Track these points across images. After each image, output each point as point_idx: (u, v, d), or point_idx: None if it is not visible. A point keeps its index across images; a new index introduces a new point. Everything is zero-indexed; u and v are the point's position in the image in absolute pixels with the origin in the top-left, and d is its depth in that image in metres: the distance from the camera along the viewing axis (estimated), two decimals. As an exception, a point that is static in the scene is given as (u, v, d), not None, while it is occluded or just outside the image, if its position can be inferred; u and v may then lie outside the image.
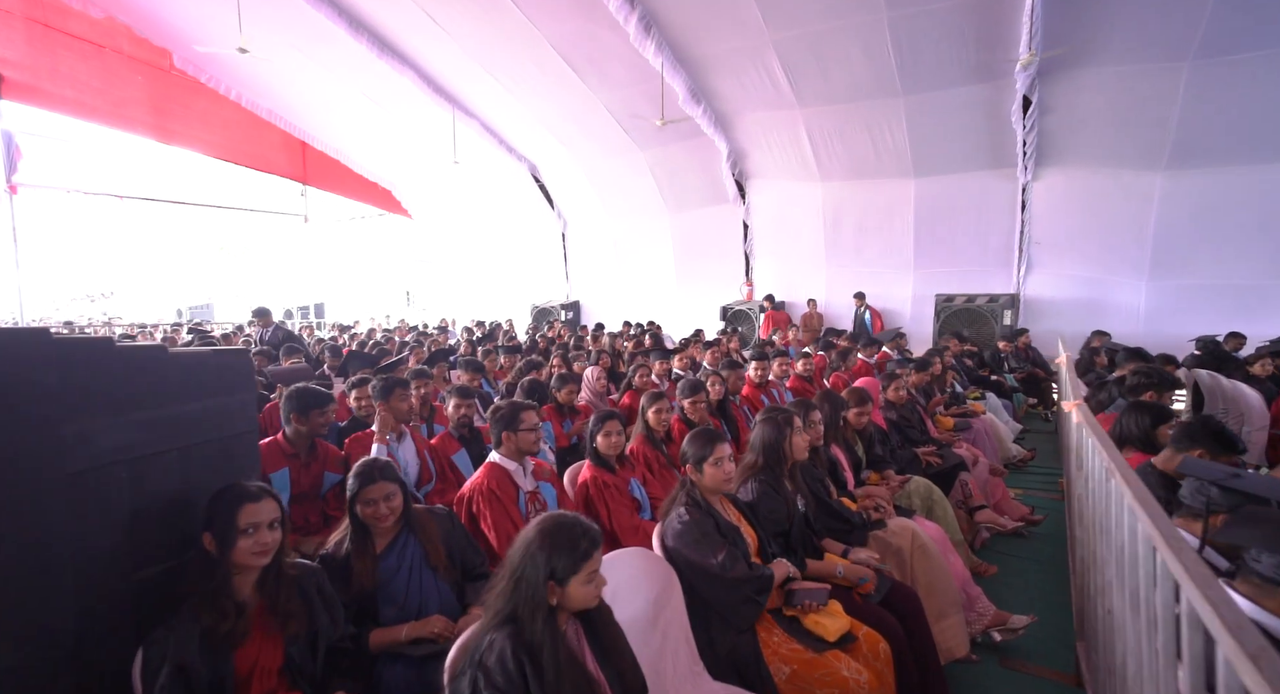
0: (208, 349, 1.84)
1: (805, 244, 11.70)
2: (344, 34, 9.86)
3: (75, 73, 10.72)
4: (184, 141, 12.46)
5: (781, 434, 2.66)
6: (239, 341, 8.26)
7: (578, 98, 10.71)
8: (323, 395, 2.99)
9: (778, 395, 5.23)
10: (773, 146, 10.84)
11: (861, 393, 3.72)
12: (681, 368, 6.18)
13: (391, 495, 2.08)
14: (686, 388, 3.89)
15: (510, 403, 2.77)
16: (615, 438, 3.05)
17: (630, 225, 13.66)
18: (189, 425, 1.70)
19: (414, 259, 17.62)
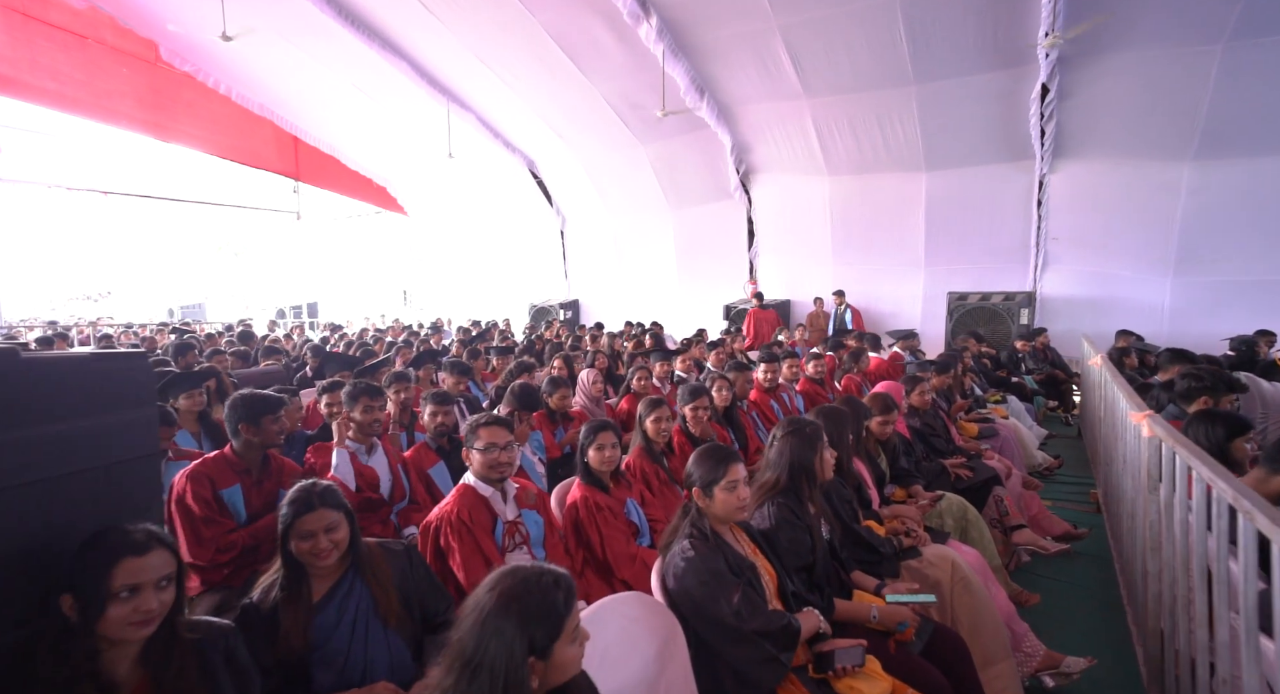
0: (84, 352, 1.46)
1: (811, 241, 11.31)
2: (333, 23, 9.48)
3: (56, 64, 10.35)
4: (172, 136, 12.10)
5: (812, 449, 2.28)
6: (221, 342, 7.88)
7: (576, 89, 10.33)
8: (273, 400, 2.62)
9: (788, 400, 4.84)
10: (778, 139, 10.45)
11: (885, 399, 3.34)
12: (684, 370, 5.81)
13: (334, 526, 1.70)
14: (688, 393, 3.51)
15: (475, 418, 2.39)
16: (610, 452, 2.67)
17: (631, 222, 13.28)
18: (55, 450, 1.32)
19: (411, 258, 17.26)
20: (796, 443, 2.28)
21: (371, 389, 2.87)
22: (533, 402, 3.56)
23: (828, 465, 2.31)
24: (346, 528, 1.74)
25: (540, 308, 14.37)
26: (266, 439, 2.61)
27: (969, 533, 3.14)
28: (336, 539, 1.70)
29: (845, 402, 3.12)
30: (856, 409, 3.09)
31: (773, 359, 4.73)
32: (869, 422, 3.28)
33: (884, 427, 3.33)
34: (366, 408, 2.85)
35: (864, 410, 3.15)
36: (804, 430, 2.30)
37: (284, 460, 2.73)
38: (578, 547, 2.53)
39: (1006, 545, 3.43)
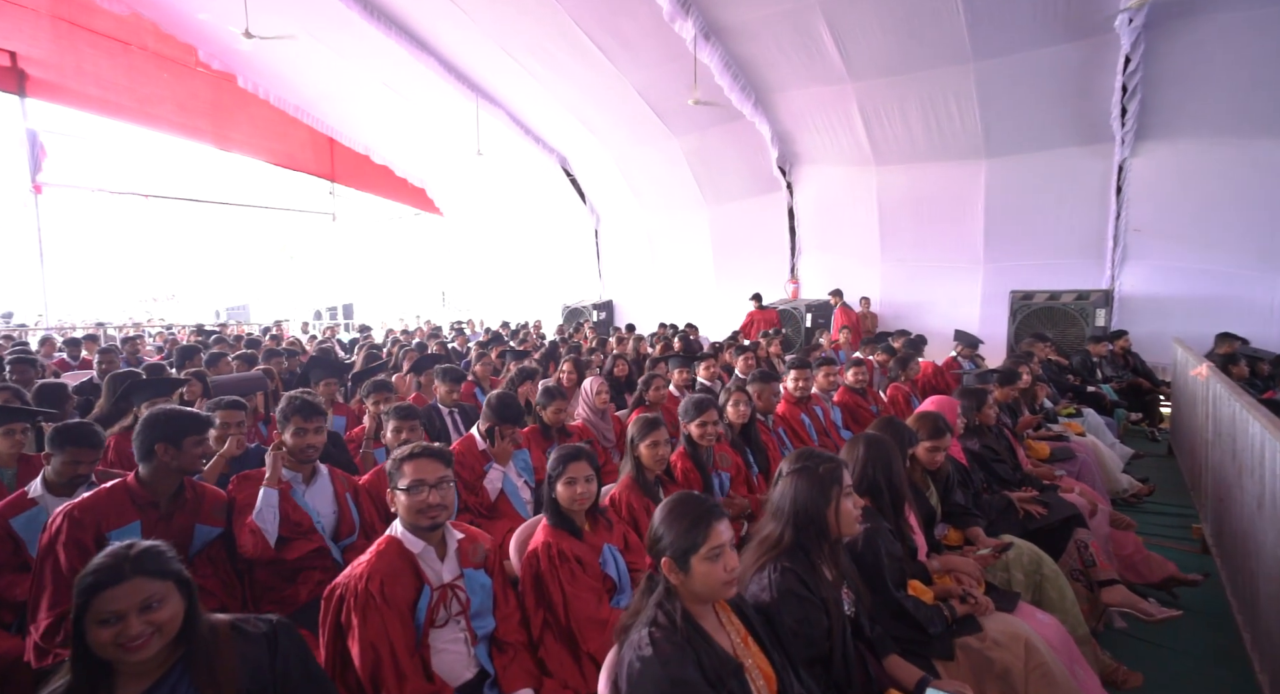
0: None
1: (857, 236, 10.51)
2: (359, 19, 9.33)
3: (100, 70, 10.60)
4: (211, 139, 12.29)
5: (825, 496, 1.71)
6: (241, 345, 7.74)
7: (606, 80, 9.88)
8: (200, 419, 2.21)
9: (821, 415, 4.22)
10: (821, 127, 9.73)
11: (936, 420, 2.71)
12: (709, 377, 5.24)
13: (154, 602, 1.25)
14: (692, 406, 2.97)
15: (401, 448, 1.92)
16: (583, 487, 2.16)
17: (666, 219, 12.75)
18: None
19: (448, 259, 17.20)
20: (804, 485, 1.72)
21: (305, 406, 2.43)
22: (514, 414, 3.08)
23: (847, 517, 1.73)
24: (177, 602, 1.28)
25: (573, 309, 14.01)
26: (186, 464, 2.20)
27: (1045, 592, 2.48)
28: (158, 620, 1.24)
29: (884, 425, 2.51)
30: (898, 433, 2.49)
31: (804, 365, 4.12)
32: (914, 448, 2.66)
33: (933, 453, 2.71)
34: (299, 430, 2.41)
35: (908, 435, 2.54)
36: (816, 469, 1.73)
37: (206, 488, 2.32)
38: (537, 606, 2.03)
39: (1093, 603, 2.74)
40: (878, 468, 2.18)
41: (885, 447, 2.23)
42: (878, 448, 2.21)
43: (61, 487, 2.48)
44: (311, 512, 2.39)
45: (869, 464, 2.18)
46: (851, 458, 2.23)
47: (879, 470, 2.17)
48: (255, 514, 2.23)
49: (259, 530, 2.23)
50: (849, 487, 1.74)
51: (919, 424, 2.73)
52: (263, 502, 2.26)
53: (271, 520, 2.27)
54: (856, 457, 2.22)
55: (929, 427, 2.70)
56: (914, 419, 2.76)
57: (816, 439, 4.01)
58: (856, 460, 2.21)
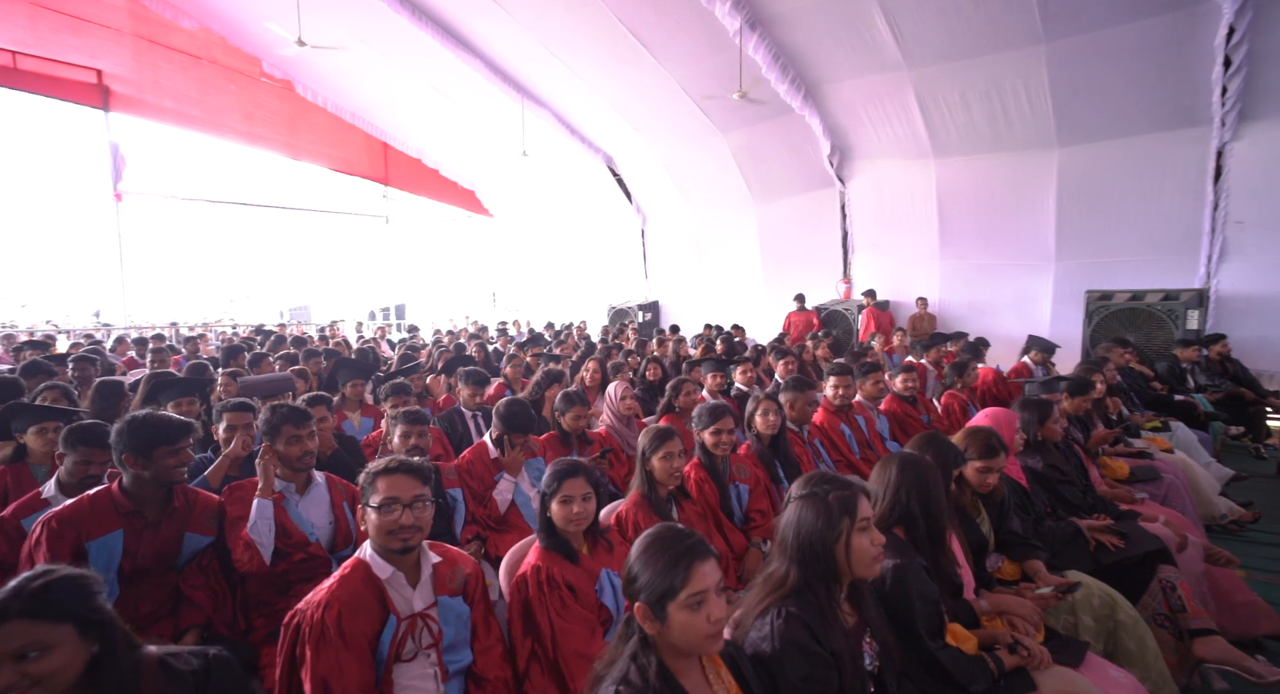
0: None
1: (915, 234, 9.93)
2: (407, 23, 9.50)
3: (174, 84, 11.23)
4: (273, 146, 12.84)
5: (832, 529, 1.46)
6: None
7: (650, 77, 9.70)
8: (174, 426, 2.13)
9: (864, 425, 3.89)
10: (875, 119, 9.24)
11: (988, 438, 2.37)
12: (746, 382, 4.96)
13: (32, 650, 1.10)
14: (704, 414, 2.73)
15: (376, 462, 1.76)
16: (580, 506, 1.97)
17: (713, 218, 12.46)
18: None
19: (499, 260, 17.44)
20: (810, 515, 1.47)
21: (295, 414, 2.33)
22: (523, 422, 2.93)
23: (860, 556, 1.46)
24: (74, 649, 1.13)
25: (619, 310, 13.90)
26: (159, 475, 2.11)
27: (1121, 642, 2.12)
28: (36, 672, 1.10)
29: (925, 443, 2.20)
30: (941, 451, 2.18)
31: (844, 371, 3.80)
32: (962, 468, 2.34)
33: (985, 475, 2.37)
34: (292, 438, 2.30)
35: (953, 453, 2.22)
36: (824, 496, 1.47)
37: (199, 495, 2.25)
38: (524, 635, 1.85)
39: (1182, 657, 2.34)
40: (913, 493, 1.89)
41: (923, 468, 1.93)
42: (914, 470, 1.92)
43: (74, 487, 2.47)
44: (305, 523, 2.28)
45: (903, 489, 1.90)
46: (882, 481, 1.95)
47: (914, 496, 1.88)
48: (250, 527, 2.13)
49: (254, 544, 2.13)
50: (865, 519, 1.47)
51: (968, 440, 2.40)
52: (256, 514, 2.16)
53: (267, 533, 2.16)
54: (888, 480, 1.93)
55: (980, 444, 2.37)
56: (963, 435, 2.44)
57: (858, 451, 3.69)
58: (888, 484, 1.93)
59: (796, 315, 9.88)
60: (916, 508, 1.87)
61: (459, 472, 2.91)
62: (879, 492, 1.95)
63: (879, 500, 1.93)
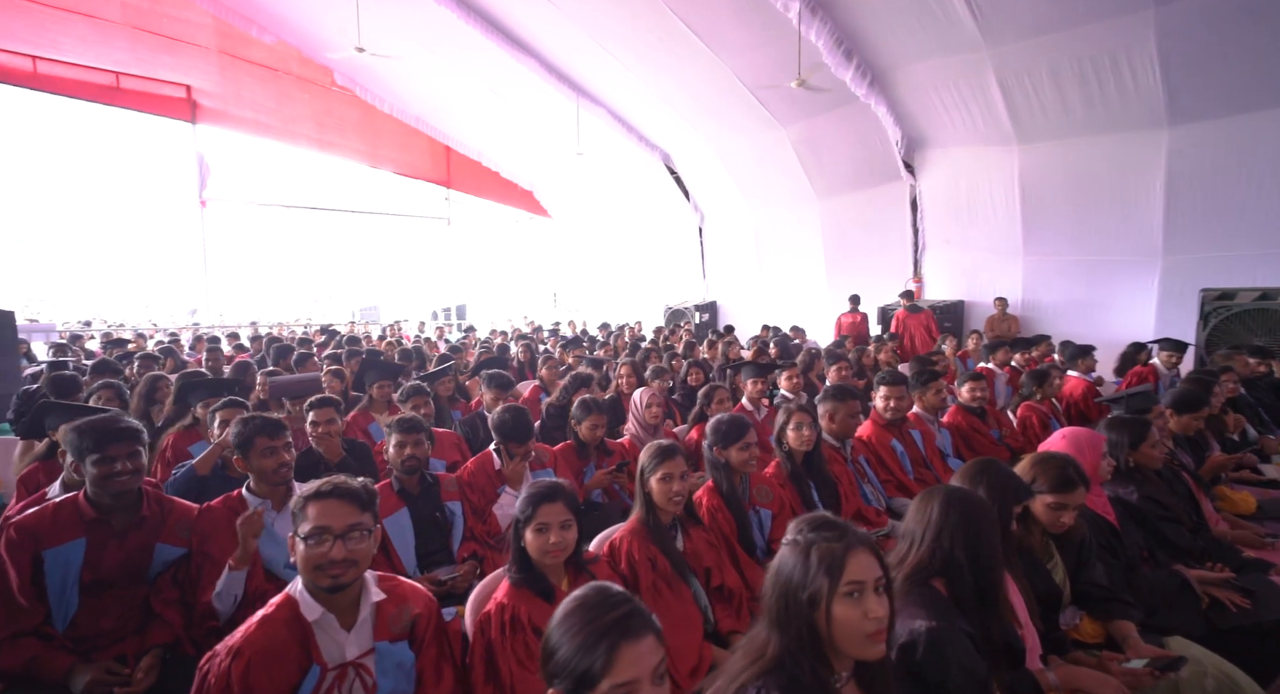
0: None
1: (994, 228, 9.10)
2: (464, 25, 9.59)
3: (254, 95, 11.88)
4: (342, 151, 13.40)
5: (812, 593, 1.13)
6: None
7: (704, 69, 9.36)
8: (125, 430, 2.00)
9: (919, 441, 3.43)
10: (950, 104, 8.51)
11: (1062, 466, 1.93)
12: (792, 389, 4.57)
13: None
14: (726, 427, 2.42)
15: (309, 485, 1.55)
16: (558, 535, 1.71)
17: (772, 215, 11.96)
18: None
19: (558, 260, 17.55)
20: (789, 569, 1.15)
21: (268, 425, 2.18)
22: (520, 431, 2.70)
23: (846, 628, 1.12)
24: None
25: (675, 310, 13.61)
26: (98, 484, 1.96)
27: (1239, 738, 1.65)
28: None
29: (977, 472, 1.80)
30: (999, 484, 1.77)
31: (897, 381, 3.35)
32: (1029, 503, 1.92)
33: (1057, 513, 1.93)
34: (266, 450, 2.16)
35: (1014, 486, 1.81)
36: (808, 546, 1.15)
37: (174, 504, 2.15)
38: (485, 682, 1.61)
39: (1324, 757, 1.83)
40: (958, 537, 1.51)
41: (972, 506, 1.55)
42: (961, 508, 1.54)
43: (77, 487, 2.47)
44: (282, 542, 2.13)
45: (945, 531, 1.52)
46: (921, 520, 1.58)
47: (960, 541, 1.51)
48: (215, 595, 1.94)
49: (213, 608, 1.95)
50: (855, 583, 1.12)
51: (1037, 469, 1.97)
52: (224, 586, 1.94)
53: (230, 605, 1.97)
54: (928, 519, 1.56)
55: (1052, 474, 1.94)
56: (1030, 463, 2.01)
57: (911, 471, 3.25)
58: (927, 524, 1.56)
59: (848, 317, 9.30)
60: (962, 556, 1.49)
61: (459, 483, 2.73)
62: (916, 533, 1.58)
63: (915, 544, 1.56)
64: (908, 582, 1.50)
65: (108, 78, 10.89)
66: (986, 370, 4.88)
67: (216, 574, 1.95)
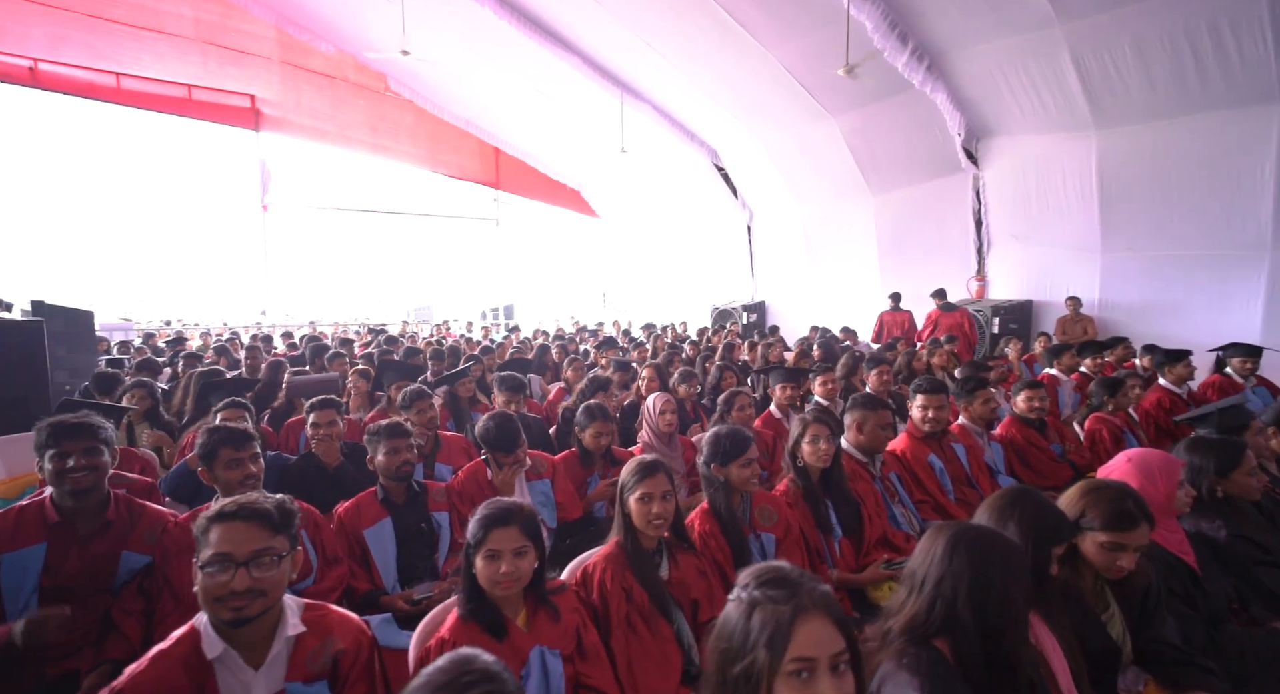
0: None
1: (1068, 222, 8.36)
2: (507, 25, 9.60)
3: (312, 103, 12.36)
4: (395, 155, 13.77)
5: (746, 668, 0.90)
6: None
7: (750, 60, 9.02)
8: (79, 427, 1.94)
9: (963, 456, 3.05)
10: (1018, 87, 7.86)
11: (1119, 499, 1.59)
12: (827, 396, 4.24)
13: None
14: (726, 441, 2.16)
15: (213, 505, 1.41)
16: (510, 564, 1.53)
17: (824, 211, 11.46)
18: None
19: (607, 260, 17.50)
20: (728, 633, 0.92)
21: (233, 436, 2.09)
22: (506, 441, 2.53)
23: None
24: None
25: (722, 310, 13.28)
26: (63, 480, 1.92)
27: None
28: None
29: (1010, 504, 1.49)
30: (1034, 519, 1.46)
31: (935, 389, 3.00)
32: (1076, 540, 1.59)
33: (1113, 555, 1.59)
34: (230, 462, 2.08)
35: (1054, 523, 1.49)
36: (756, 603, 0.93)
37: (144, 510, 2.08)
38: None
39: None
40: (961, 588, 1.22)
41: (985, 549, 1.25)
42: (970, 550, 1.24)
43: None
44: None
45: (949, 580, 1.23)
46: (924, 562, 1.29)
47: (963, 593, 1.21)
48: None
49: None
50: (805, 659, 0.88)
51: (1088, 500, 1.64)
52: None
53: None
54: (930, 560, 1.28)
55: (1105, 507, 1.60)
56: (1079, 492, 1.68)
57: (951, 490, 2.89)
58: (928, 567, 1.27)
59: (890, 316, 8.78)
60: (966, 612, 1.20)
61: (449, 493, 2.58)
62: (918, 576, 1.30)
63: (915, 591, 1.28)
64: (903, 639, 1.23)
65: (180, 91, 11.58)
66: (1049, 377, 4.39)
67: (173, 603, 1.87)
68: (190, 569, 1.77)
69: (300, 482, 2.95)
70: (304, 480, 2.95)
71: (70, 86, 11.00)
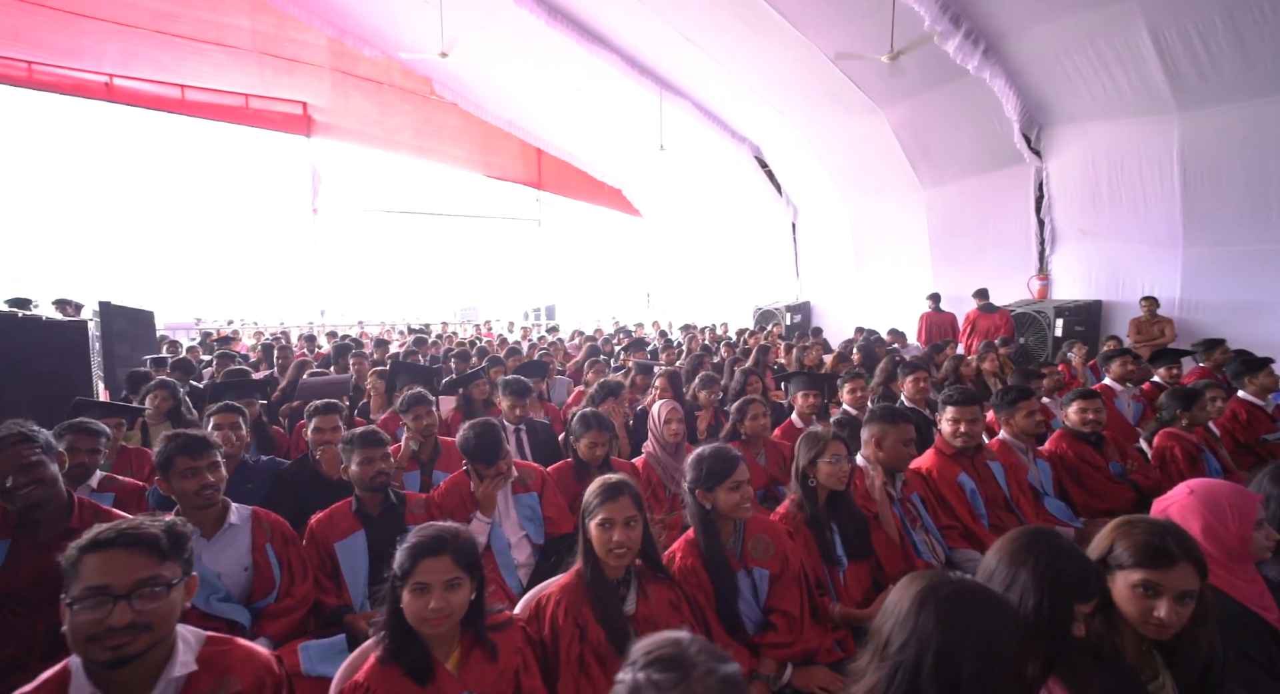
0: None
1: (1144, 214, 7.64)
2: (544, 25, 9.56)
3: (361, 108, 12.70)
4: (439, 157, 14.01)
5: None
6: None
7: (793, 51, 8.66)
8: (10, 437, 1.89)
9: (1000, 477, 2.70)
10: (1086, 70, 7.23)
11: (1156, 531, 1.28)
12: (855, 404, 3.92)
13: None
14: (711, 461, 1.93)
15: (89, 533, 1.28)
16: (440, 601, 1.36)
17: (872, 207, 10.94)
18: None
19: (650, 260, 17.34)
20: None
21: (191, 444, 1.97)
22: (485, 451, 2.38)
23: None
24: None
25: (765, 311, 12.90)
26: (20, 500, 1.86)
27: None
28: None
29: (1028, 547, 1.22)
30: (1053, 568, 1.19)
31: (968, 401, 2.66)
32: (1109, 583, 1.30)
33: (1149, 602, 1.28)
34: (187, 471, 1.96)
35: (1080, 575, 1.21)
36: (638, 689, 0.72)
37: (113, 516, 2.02)
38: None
39: None
40: (927, 658, 0.97)
41: (976, 613, 0.99)
42: (944, 612, 0.99)
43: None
44: (207, 573, 1.95)
45: (914, 645, 0.99)
46: (892, 618, 1.04)
47: (931, 665, 0.97)
48: None
49: None
50: None
51: (1118, 533, 1.34)
52: None
53: None
54: (897, 617, 1.03)
55: (1138, 539, 1.31)
56: (1112, 526, 1.38)
57: (985, 515, 2.56)
58: (894, 625, 1.03)
59: (932, 316, 8.26)
60: (932, 691, 0.96)
61: (429, 506, 2.45)
62: (882, 633, 1.05)
63: (875, 656, 1.04)
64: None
65: (238, 100, 12.12)
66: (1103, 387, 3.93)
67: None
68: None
69: (293, 487, 2.89)
70: (297, 486, 2.89)
71: (141, 100, 11.68)
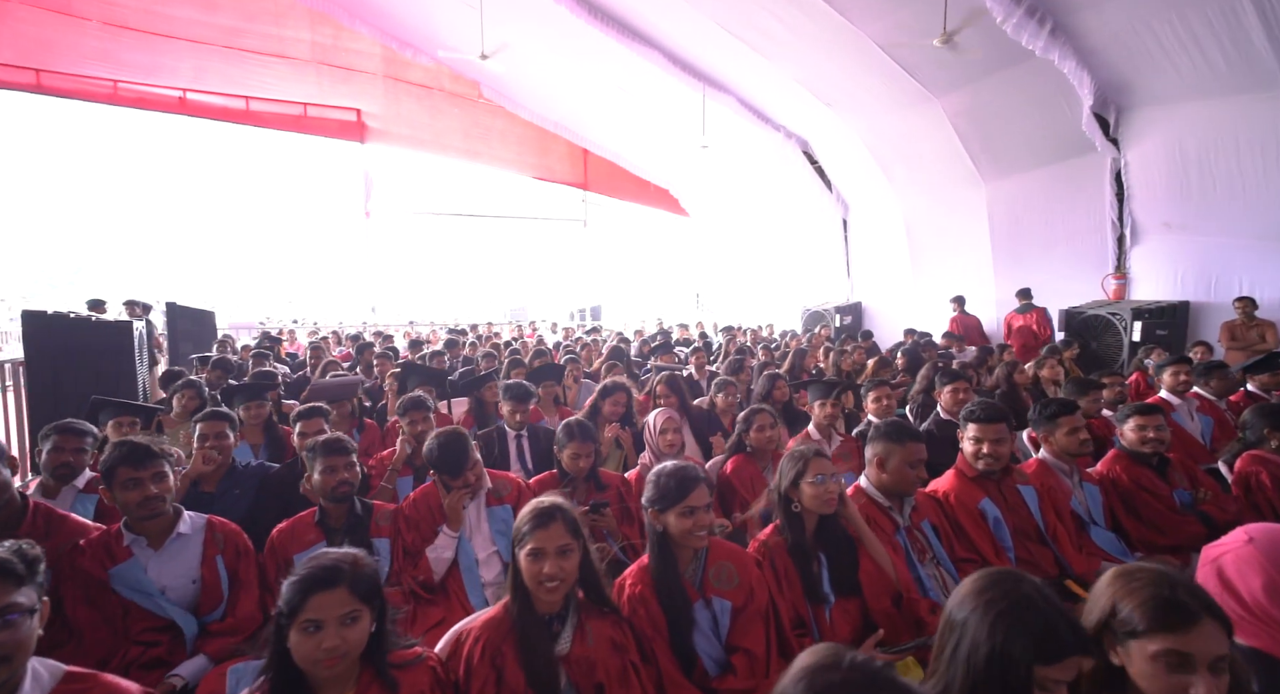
0: None
1: (1239, 206, 6.84)
2: (586, 25, 9.49)
3: (411, 114, 13.03)
4: (487, 160, 14.21)
5: None
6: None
7: (840, 39, 8.23)
8: None
9: (1032, 504, 2.35)
10: (1171, 45, 6.51)
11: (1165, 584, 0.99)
12: (879, 414, 3.60)
13: None
14: (667, 482, 1.75)
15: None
16: (335, 639, 1.23)
17: (927, 202, 10.32)
18: None
19: (699, 260, 17.09)
20: None
21: (134, 453, 1.89)
22: (451, 462, 2.24)
23: None
24: None
25: (814, 312, 12.42)
26: None
27: None
28: None
29: (980, 588, 0.96)
30: (1013, 622, 0.92)
31: (993, 417, 2.33)
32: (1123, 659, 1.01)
33: (1182, 677, 0.98)
34: (128, 482, 1.88)
35: (1048, 632, 0.93)
36: None
37: (66, 521, 2.01)
38: None
39: None
40: None
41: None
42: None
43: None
44: (149, 585, 1.90)
45: None
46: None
47: None
48: None
49: None
50: None
51: (1116, 588, 1.06)
52: None
53: None
54: None
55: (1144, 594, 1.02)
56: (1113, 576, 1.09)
57: (1011, 548, 2.23)
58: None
59: (960, 318, 7.76)
60: None
61: (396, 517, 2.34)
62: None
63: None
64: None
65: (297, 109, 12.65)
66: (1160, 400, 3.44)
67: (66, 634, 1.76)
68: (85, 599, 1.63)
69: (279, 490, 2.86)
70: (283, 489, 2.86)
71: (211, 112, 12.37)
